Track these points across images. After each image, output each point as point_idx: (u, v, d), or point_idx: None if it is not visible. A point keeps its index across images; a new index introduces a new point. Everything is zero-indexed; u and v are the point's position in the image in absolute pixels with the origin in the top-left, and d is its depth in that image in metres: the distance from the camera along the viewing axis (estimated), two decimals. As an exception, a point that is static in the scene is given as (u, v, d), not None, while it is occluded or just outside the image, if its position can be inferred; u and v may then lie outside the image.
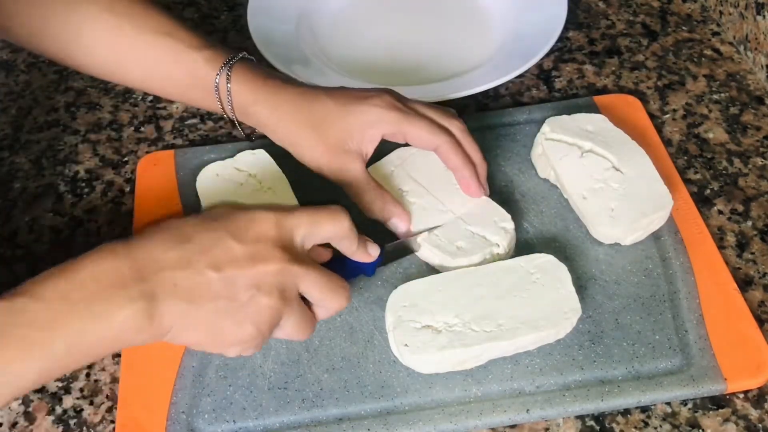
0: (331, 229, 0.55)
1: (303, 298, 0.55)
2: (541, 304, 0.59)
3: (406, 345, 0.57)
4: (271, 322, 0.52)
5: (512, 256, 0.63)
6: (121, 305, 0.48)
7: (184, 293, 0.50)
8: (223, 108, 0.66)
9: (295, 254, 0.53)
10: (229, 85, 0.65)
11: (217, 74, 0.65)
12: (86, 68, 0.69)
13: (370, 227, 0.63)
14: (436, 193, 0.67)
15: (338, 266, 0.58)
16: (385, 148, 0.67)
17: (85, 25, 0.66)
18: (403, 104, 0.64)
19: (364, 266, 0.60)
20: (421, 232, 0.65)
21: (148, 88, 0.70)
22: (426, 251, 0.65)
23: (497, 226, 0.64)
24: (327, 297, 0.55)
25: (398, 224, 0.64)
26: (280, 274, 0.52)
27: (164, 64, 0.66)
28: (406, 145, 0.66)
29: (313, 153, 0.64)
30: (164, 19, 0.66)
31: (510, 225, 0.64)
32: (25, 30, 0.67)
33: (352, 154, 0.63)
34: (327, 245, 0.58)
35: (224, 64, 0.65)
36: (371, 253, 0.59)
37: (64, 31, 0.66)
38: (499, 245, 0.64)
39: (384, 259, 0.62)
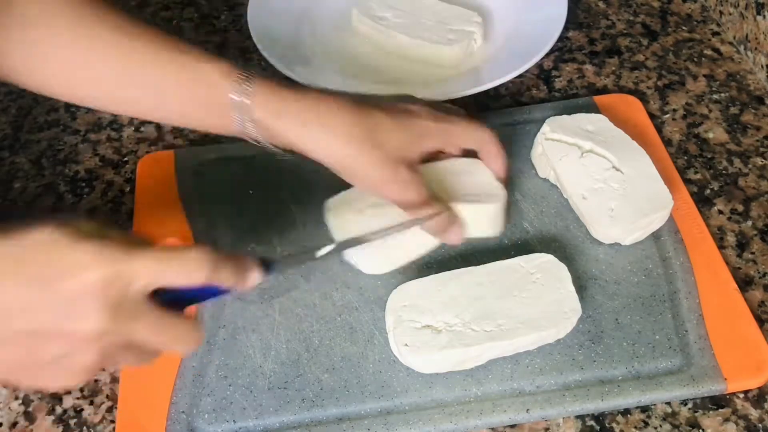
0: (180, 279, 0.45)
1: None
2: (542, 304, 0.59)
3: (406, 345, 0.57)
4: (92, 372, 0.45)
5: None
6: None
7: None
8: (244, 127, 0.58)
9: (125, 309, 0.43)
10: (248, 99, 0.56)
11: (233, 88, 0.56)
12: (77, 97, 0.61)
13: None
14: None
15: (193, 290, 0.47)
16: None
17: (91, 54, 0.57)
18: (440, 113, 0.63)
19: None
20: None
21: (151, 114, 0.63)
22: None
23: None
24: (168, 345, 0.46)
25: (453, 237, 0.62)
26: (98, 338, 0.43)
27: (170, 79, 0.57)
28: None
29: (366, 168, 0.58)
30: (155, 30, 0.58)
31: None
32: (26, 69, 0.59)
33: (413, 164, 0.60)
34: None
35: (241, 76, 0.57)
36: (250, 282, 0.48)
37: (66, 68, 0.58)
38: None
39: (282, 267, 0.52)
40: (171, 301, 0.46)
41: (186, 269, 0.45)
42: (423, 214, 0.60)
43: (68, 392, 0.61)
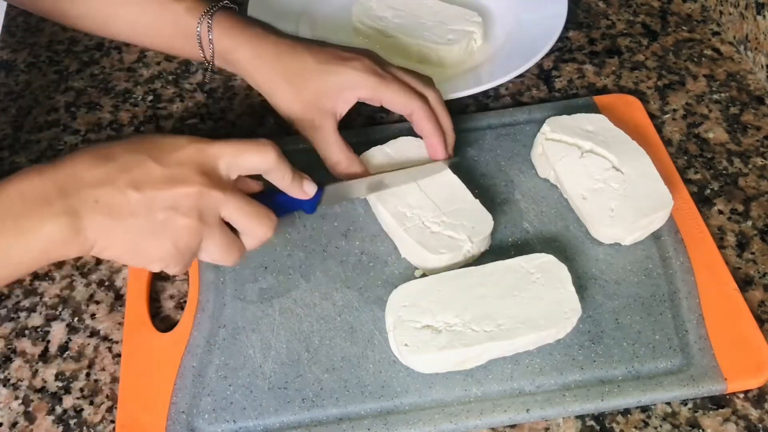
0: (255, 160, 0.56)
1: (232, 227, 0.57)
2: (542, 304, 0.59)
3: (406, 345, 0.57)
4: (190, 243, 0.54)
5: (480, 258, 0.65)
6: (46, 220, 0.50)
7: (105, 209, 0.51)
8: (204, 55, 0.69)
9: (216, 180, 0.54)
10: (210, 32, 0.67)
11: (198, 22, 0.68)
12: (79, 23, 0.73)
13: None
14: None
15: (271, 199, 0.59)
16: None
17: None
18: (382, 68, 0.67)
19: (301, 203, 0.61)
20: (372, 176, 0.67)
21: (135, 39, 0.74)
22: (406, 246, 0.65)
23: (470, 228, 0.65)
24: (250, 224, 0.56)
25: (309, 189, 0.67)
26: (198, 196, 0.53)
27: (148, 15, 0.69)
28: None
29: (288, 104, 0.67)
30: None
31: (487, 228, 0.65)
32: None
33: (326, 112, 0.66)
34: (260, 178, 0.59)
35: (205, 12, 0.68)
36: (306, 190, 0.61)
37: None
38: (470, 243, 0.64)
39: (325, 200, 0.63)
40: None
41: (258, 149, 0.56)
42: (332, 156, 0.67)
43: (68, 392, 0.61)
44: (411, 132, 0.70)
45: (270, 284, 0.65)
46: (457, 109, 0.80)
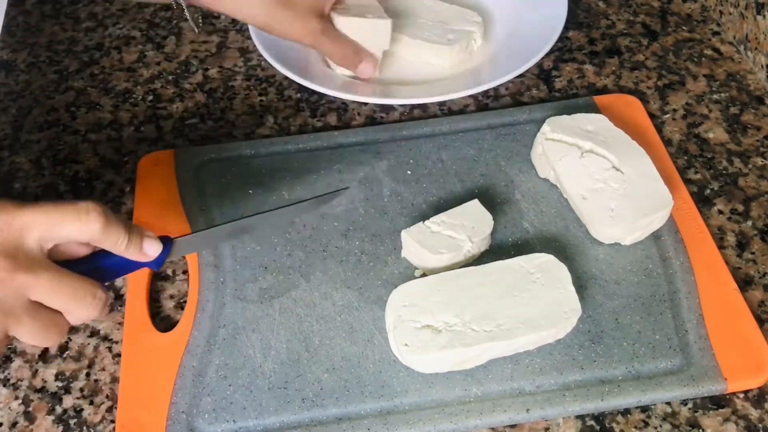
0: (74, 231, 0.47)
1: None
2: (541, 304, 0.59)
3: (406, 345, 0.57)
4: None
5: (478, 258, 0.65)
6: None
7: None
8: None
9: (22, 261, 0.45)
10: None
11: None
12: None
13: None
14: None
15: (102, 262, 0.51)
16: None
17: None
18: None
19: (142, 263, 0.53)
20: (234, 221, 0.60)
21: None
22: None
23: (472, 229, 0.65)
24: (68, 306, 0.48)
25: (367, 68, 0.70)
26: None
27: None
28: None
29: (283, 25, 0.71)
30: None
31: (487, 228, 0.65)
32: None
33: (324, 17, 0.71)
34: None
35: None
36: (147, 252, 0.51)
37: None
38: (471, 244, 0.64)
39: (175, 252, 0.55)
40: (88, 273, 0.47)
41: (78, 216, 0.46)
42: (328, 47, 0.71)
43: (68, 392, 0.61)
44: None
45: (270, 284, 0.65)
46: (457, 109, 0.80)
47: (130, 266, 0.52)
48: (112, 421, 0.60)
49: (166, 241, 0.53)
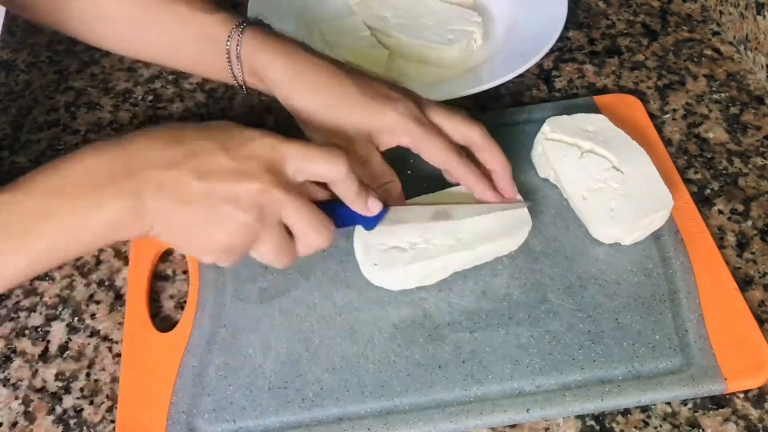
0: (324, 168, 0.54)
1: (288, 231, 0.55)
2: (498, 219, 0.64)
3: (375, 264, 0.62)
4: (244, 239, 0.53)
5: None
6: (109, 199, 0.50)
7: (167, 193, 0.51)
8: (233, 73, 0.65)
9: (282, 181, 0.53)
10: (239, 48, 0.64)
11: (229, 36, 0.64)
12: (104, 42, 0.71)
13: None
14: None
15: (333, 209, 0.57)
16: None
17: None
18: (424, 113, 0.63)
19: (362, 218, 0.59)
20: (440, 205, 0.64)
21: (160, 57, 0.70)
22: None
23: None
24: (307, 231, 0.55)
25: (373, 206, 0.62)
26: (261, 194, 0.52)
27: (174, 29, 0.66)
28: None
29: (321, 134, 0.62)
30: None
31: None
32: (47, 5, 0.68)
33: (366, 146, 0.62)
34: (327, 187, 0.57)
35: (237, 25, 0.64)
36: (370, 207, 0.58)
37: (83, 6, 0.67)
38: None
39: (387, 220, 0.61)
40: None
41: (328, 157, 0.54)
42: (349, 188, 0.60)
43: (68, 392, 0.61)
44: None
45: (270, 284, 0.65)
46: (457, 109, 0.80)
47: (351, 220, 0.59)
48: (112, 421, 0.60)
49: (385, 206, 0.60)
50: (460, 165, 0.63)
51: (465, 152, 0.64)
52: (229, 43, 0.64)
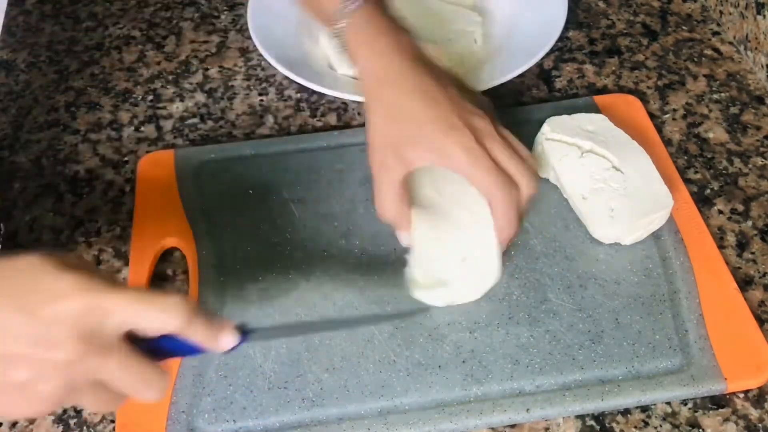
0: (156, 323, 0.45)
1: None
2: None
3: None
4: (50, 406, 0.45)
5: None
6: None
7: None
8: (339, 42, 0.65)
9: (97, 345, 0.44)
10: (342, 27, 0.64)
11: (341, 8, 0.63)
12: None
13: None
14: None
15: (173, 343, 0.48)
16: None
17: None
18: (486, 139, 0.60)
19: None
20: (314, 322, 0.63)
21: None
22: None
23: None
24: (133, 389, 0.46)
25: (400, 237, 0.64)
26: (69, 366, 0.43)
27: None
28: None
29: (375, 131, 0.62)
30: None
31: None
32: None
33: (403, 161, 0.60)
34: None
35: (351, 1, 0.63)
36: (223, 345, 0.49)
37: None
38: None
39: (256, 336, 0.51)
40: (147, 351, 0.46)
41: (162, 313, 0.45)
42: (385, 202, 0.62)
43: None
44: None
45: (270, 284, 0.65)
46: (457, 109, 0.80)
47: (195, 351, 0.49)
48: (112, 421, 0.60)
49: (244, 331, 0.50)
50: (503, 201, 0.60)
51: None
52: (339, 16, 0.64)
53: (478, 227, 0.63)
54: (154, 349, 0.47)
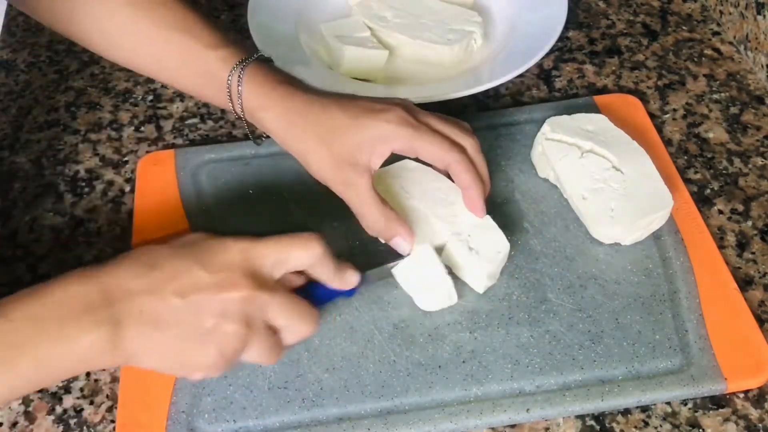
0: (301, 257, 0.55)
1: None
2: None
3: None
4: (236, 349, 0.52)
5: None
6: (87, 329, 0.49)
7: (149, 319, 0.50)
8: (234, 109, 0.66)
9: (262, 281, 0.53)
10: (240, 87, 0.64)
11: (230, 74, 0.64)
12: (107, 56, 0.71)
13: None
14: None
15: (313, 290, 0.58)
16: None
17: (105, 15, 0.66)
18: (415, 118, 0.63)
19: (342, 291, 0.59)
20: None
21: (164, 81, 0.71)
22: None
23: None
24: (294, 324, 0.54)
25: (401, 244, 0.63)
26: (245, 301, 0.52)
27: (176, 61, 0.66)
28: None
29: (319, 164, 0.63)
30: (184, 15, 0.66)
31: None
32: (51, 15, 0.68)
33: (359, 168, 0.62)
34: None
35: (237, 64, 0.64)
36: (349, 281, 0.59)
37: (86, 20, 0.67)
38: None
39: (365, 282, 0.60)
40: None
41: (303, 246, 0.55)
42: (369, 215, 0.63)
43: (68, 392, 0.61)
44: None
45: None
46: (457, 109, 0.80)
47: (331, 295, 0.59)
48: (112, 421, 0.60)
49: (361, 272, 0.60)
50: (460, 161, 0.62)
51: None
52: (230, 81, 0.64)
53: (461, 212, 0.64)
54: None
